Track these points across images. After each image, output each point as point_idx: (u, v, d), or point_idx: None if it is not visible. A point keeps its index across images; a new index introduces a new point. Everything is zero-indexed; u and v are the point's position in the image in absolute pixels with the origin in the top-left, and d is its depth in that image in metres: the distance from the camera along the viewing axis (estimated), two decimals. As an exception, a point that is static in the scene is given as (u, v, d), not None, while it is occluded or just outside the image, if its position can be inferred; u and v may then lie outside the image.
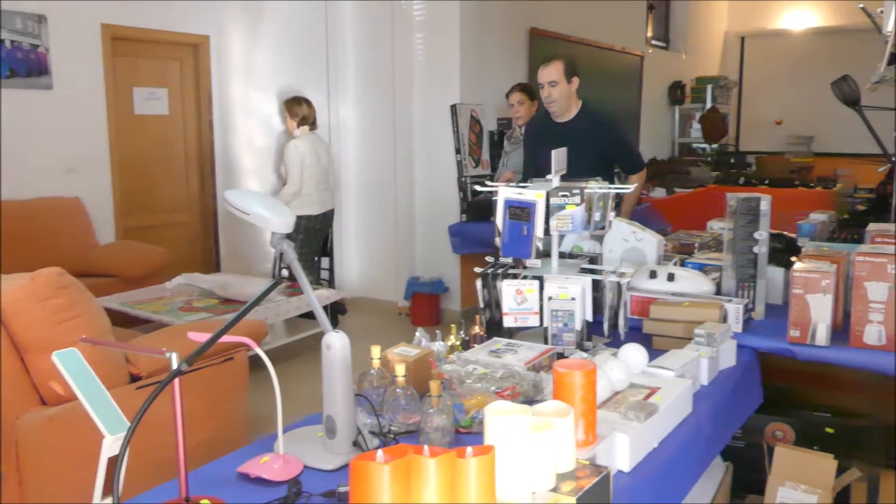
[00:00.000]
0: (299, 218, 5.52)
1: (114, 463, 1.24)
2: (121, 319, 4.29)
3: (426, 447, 1.05)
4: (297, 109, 5.80)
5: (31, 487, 2.68)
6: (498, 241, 2.25)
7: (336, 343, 1.57)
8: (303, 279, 1.60)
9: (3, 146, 5.14)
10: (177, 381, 1.34)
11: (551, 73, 3.85)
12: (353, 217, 7.19)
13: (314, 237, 5.89)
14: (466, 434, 1.78)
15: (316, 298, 1.62)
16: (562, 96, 3.88)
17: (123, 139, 5.90)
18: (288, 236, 1.58)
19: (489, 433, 1.19)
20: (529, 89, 5.36)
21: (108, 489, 1.25)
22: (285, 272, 1.56)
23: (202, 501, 1.42)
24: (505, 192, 2.19)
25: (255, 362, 2.52)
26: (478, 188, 2.48)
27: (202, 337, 1.43)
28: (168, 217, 6.40)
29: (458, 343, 2.24)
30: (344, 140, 6.96)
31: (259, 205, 1.59)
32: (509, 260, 2.32)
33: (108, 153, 5.77)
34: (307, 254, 5.80)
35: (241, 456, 1.67)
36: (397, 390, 1.76)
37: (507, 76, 6.70)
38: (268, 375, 1.46)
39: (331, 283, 6.56)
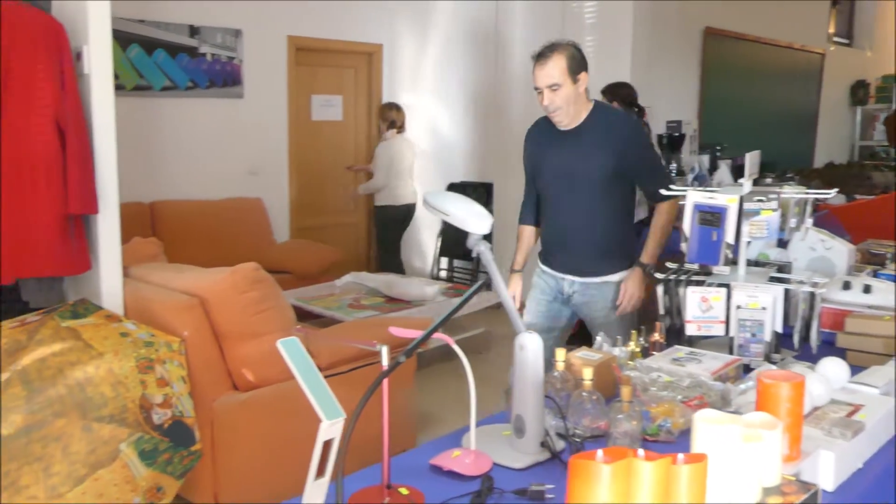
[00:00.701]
0: (383, 208, 6.12)
1: (328, 446, 1.31)
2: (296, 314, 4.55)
3: (641, 451, 1.05)
4: (388, 114, 6.07)
5: (222, 464, 2.90)
6: (684, 246, 2.20)
7: (529, 344, 1.60)
8: (498, 281, 1.63)
9: (198, 151, 5.61)
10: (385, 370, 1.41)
11: (551, 72, 2.70)
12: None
13: (397, 226, 6.26)
14: (653, 442, 1.75)
15: (475, 300, 1.65)
16: (568, 102, 2.74)
17: (300, 144, 6.27)
18: (375, 223, 1.60)
19: (698, 441, 1.17)
20: (610, 91, 5.04)
21: (321, 470, 1.33)
22: (482, 275, 1.59)
23: (401, 489, 1.49)
24: (694, 196, 2.14)
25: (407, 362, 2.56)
26: (663, 192, 2.42)
27: (403, 332, 1.50)
28: (337, 218, 6.73)
29: (637, 350, 2.21)
30: (509, 142, 7.00)
31: (458, 206, 1.65)
32: (694, 266, 2.26)
33: (287, 157, 6.14)
34: (392, 240, 6.22)
35: (430, 449, 1.73)
36: (583, 394, 1.76)
37: (679, 77, 6.50)
38: (425, 375, 1.51)
39: (489, 285, 6.63)
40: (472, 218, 1.64)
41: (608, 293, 2.92)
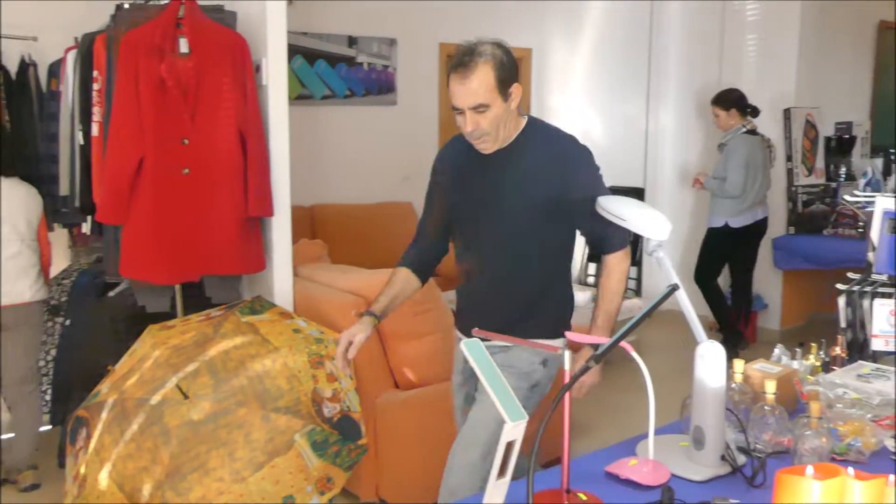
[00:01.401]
0: None
1: (510, 447, 1.34)
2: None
3: (850, 469, 1.00)
4: None
5: (384, 460, 3.00)
6: (871, 255, 2.07)
7: (711, 354, 1.56)
8: (681, 286, 1.60)
9: (354, 156, 5.84)
10: (567, 375, 1.41)
11: (475, 89, 1.94)
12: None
13: None
14: (841, 461, 1.66)
15: (626, 306, 1.61)
16: (497, 125, 2.00)
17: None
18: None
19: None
20: (723, 99, 4.98)
21: (503, 471, 1.36)
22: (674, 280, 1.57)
23: (580, 495, 1.49)
24: (884, 203, 2.01)
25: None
26: (847, 198, 2.26)
27: (582, 338, 1.50)
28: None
29: (818, 364, 2.10)
30: (661, 144, 6.83)
31: (636, 211, 1.63)
32: (882, 276, 2.12)
33: (438, 162, 6.28)
34: None
35: (602, 456, 1.72)
36: (765, 408, 1.69)
37: (849, 76, 6.10)
38: None
39: (638, 292, 6.49)
40: (652, 223, 1.61)
41: (525, 361, 2.16)
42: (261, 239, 3.12)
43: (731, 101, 4.90)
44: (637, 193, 6.31)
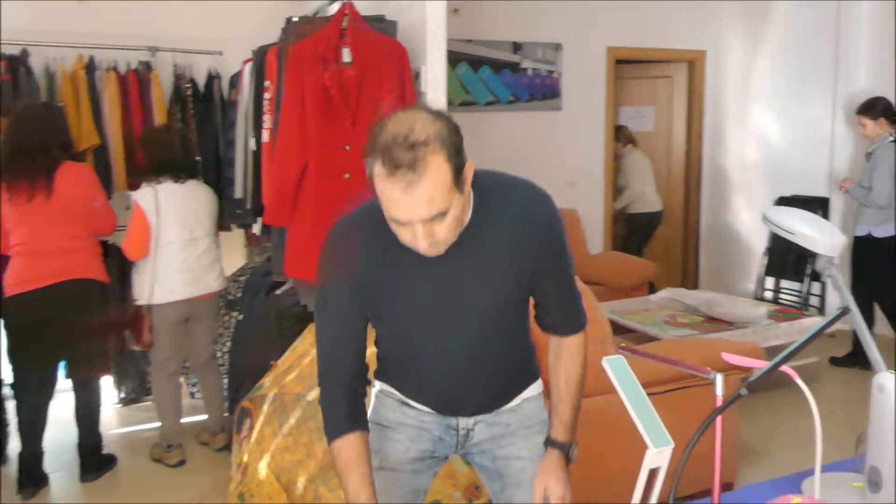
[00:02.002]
0: (635, 215, 6.41)
1: (654, 474, 1.24)
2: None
3: None
4: (620, 134, 6.39)
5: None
6: None
7: (891, 385, 1.37)
8: (855, 308, 1.42)
9: (518, 162, 5.80)
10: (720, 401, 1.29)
11: (431, 197, 1.38)
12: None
13: (642, 231, 6.43)
14: None
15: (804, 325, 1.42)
16: (456, 227, 1.48)
17: (611, 155, 6.23)
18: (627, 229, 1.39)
19: None
20: (870, 107, 4.81)
21: (645, 499, 1.26)
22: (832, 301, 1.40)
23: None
24: None
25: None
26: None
27: (740, 360, 1.36)
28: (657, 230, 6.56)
29: None
30: (846, 151, 6.29)
31: (805, 224, 1.47)
32: None
33: (603, 168, 6.12)
34: (635, 245, 6.35)
35: (762, 490, 1.57)
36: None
37: None
38: (748, 404, 1.33)
39: (821, 310, 5.98)
40: (823, 238, 1.44)
41: (540, 409, 1.84)
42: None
43: (879, 109, 4.78)
44: (820, 204, 5.84)
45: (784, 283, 6.06)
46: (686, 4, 6.12)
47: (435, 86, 3.06)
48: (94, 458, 3.61)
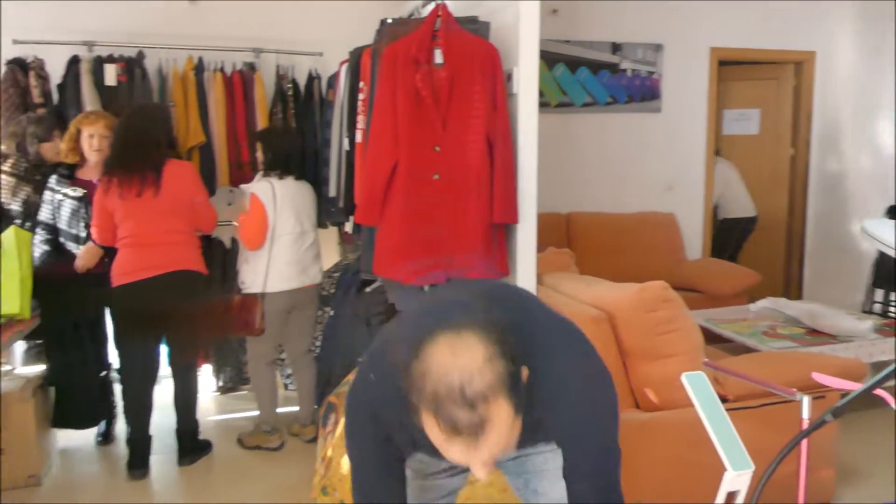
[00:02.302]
0: (727, 220, 6.29)
1: (732, 497, 1.18)
2: (704, 336, 4.34)
3: None
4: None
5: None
6: None
7: None
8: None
9: (614, 165, 5.70)
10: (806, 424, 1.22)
11: (496, 448, 1.27)
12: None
13: (734, 237, 6.32)
14: None
15: None
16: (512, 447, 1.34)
17: (712, 159, 6.03)
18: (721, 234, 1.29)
19: None
20: None
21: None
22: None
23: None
24: None
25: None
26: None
27: (831, 381, 1.29)
28: (752, 236, 6.31)
29: None
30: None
31: (910, 237, 1.37)
32: None
33: (704, 172, 5.92)
34: (728, 251, 6.24)
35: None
36: None
37: None
38: (850, 420, 1.24)
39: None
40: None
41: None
42: (505, 245, 3.13)
43: None
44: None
45: (893, 296, 5.70)
46: (794, 4, 5.85)
47: (527, 87, 3.03)
48: (191, 443, 3.76)
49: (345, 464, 2.73)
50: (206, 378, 4.69)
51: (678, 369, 2.92)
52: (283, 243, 3.72)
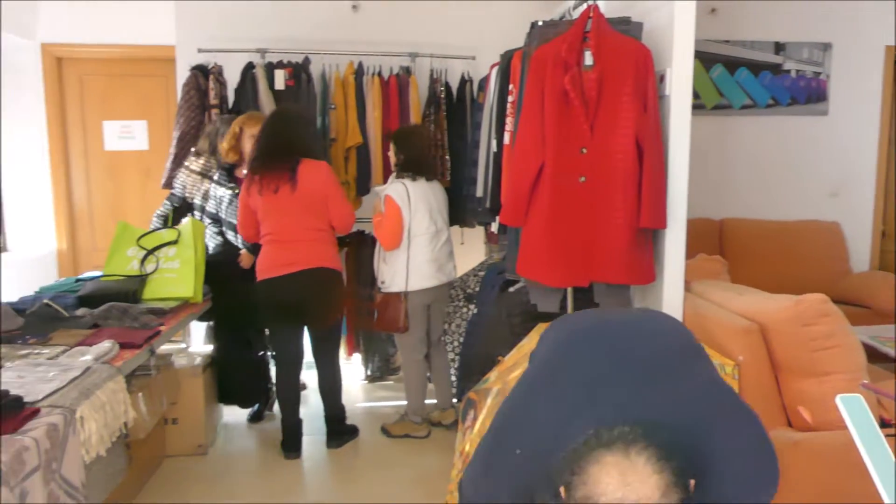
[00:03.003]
0: None
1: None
2: (868, 354, 4.05)
3: None
4: None
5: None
6: None
7: None
8: None
9: (773, 170, 5.43)
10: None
11: None
12: None
13: None
14: None
15: None
16: None
17: (885, 165, 5.59)
18: None
19: None
20: None
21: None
22: None
23: None
24: None
25: None
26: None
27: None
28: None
29: None
30: None
31: None
32: None
33: (875, 179, 5.52)
34: None
35: None
36: None
37: None
38: None
39: None
40: None
41: None
42: (652, 250, 3.08)
43: None
44: None
45: None
46: None
47: (680, 89, 2.95)
48: (338, 428, 3.95)
49: (483, 458, 2.79)
50: (356, 368, 4.92)
51: (836, 388, 2.77)
52: (419, 243, 3.85)
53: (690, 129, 3.00)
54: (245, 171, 3.85)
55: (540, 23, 3.15)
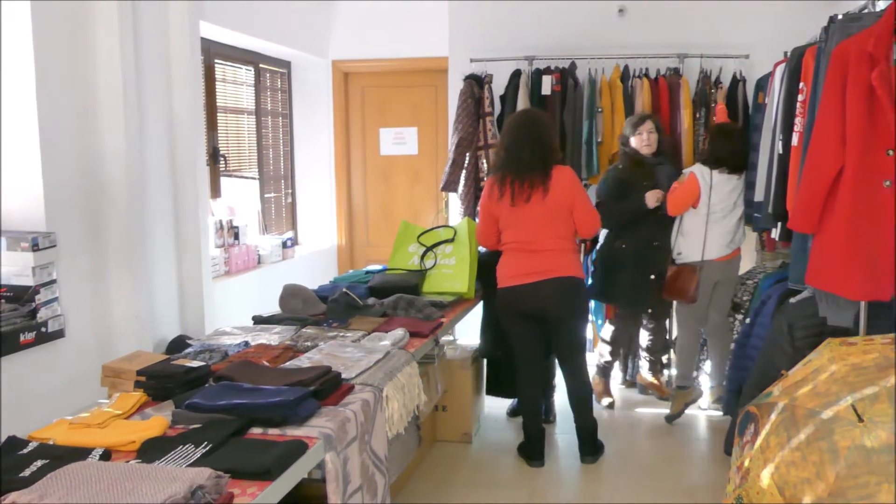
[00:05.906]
0: None
1: None
2: None
3: None
4: None
5: None
6: None
7: None
8: None
9: None
10: None
11: None
12: None
13: None
14: None
15: None
16: None
17: None
18: None
19: None
20: None
21: None
22: None
23: None
24: None
25: None
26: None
27: None
28: None
29: None
30: None
31: None
32: None
33: None
34: None
35: None
36: None
37: None
38: None
39: None
40: None
41: None
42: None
43: None
44: None
45: None
46: None
47: None
48: (590, 441, 3.77)
49: (765, 478, 2.65)
50: (615, 372, 4.86)
51: None
52: (715, 218, 4.10)
53: None
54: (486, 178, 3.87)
55: (840, 16, 2.93)
